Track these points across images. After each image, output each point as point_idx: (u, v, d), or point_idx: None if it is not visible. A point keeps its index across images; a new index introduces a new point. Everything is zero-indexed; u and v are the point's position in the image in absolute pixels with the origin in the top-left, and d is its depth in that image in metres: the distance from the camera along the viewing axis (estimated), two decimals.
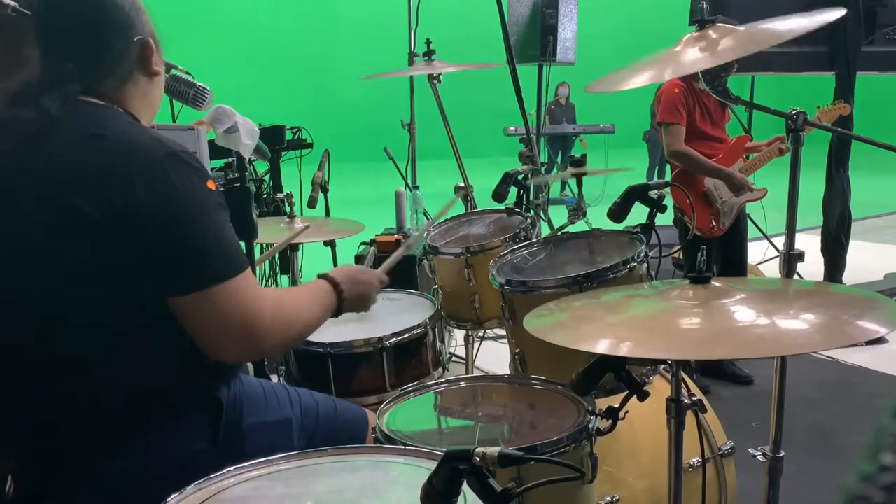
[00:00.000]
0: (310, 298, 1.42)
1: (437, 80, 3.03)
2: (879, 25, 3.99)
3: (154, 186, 1.15)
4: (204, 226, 1.19)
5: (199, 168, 1.21)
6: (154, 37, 1.32)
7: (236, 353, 1.27)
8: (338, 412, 1.57)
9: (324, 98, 13.68)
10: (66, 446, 1.23)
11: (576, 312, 1.37)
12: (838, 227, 4.28)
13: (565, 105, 11.02)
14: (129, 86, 1.29)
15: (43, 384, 1.22)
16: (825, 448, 2.84)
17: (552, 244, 2.04)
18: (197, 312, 1.20)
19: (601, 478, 1.39)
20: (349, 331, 2.03)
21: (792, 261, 1.75)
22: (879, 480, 0.32)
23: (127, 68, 1.28)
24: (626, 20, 15.12)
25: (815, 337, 1.07)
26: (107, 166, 1.15)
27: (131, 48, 1.27)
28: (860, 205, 4.70)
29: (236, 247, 1.25)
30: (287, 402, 1.48)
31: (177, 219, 1.16)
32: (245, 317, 1.22)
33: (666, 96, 3.41)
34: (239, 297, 1.21)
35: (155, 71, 1.31)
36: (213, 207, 1.21)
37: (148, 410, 1.25)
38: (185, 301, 1.19)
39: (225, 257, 1.21)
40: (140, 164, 1.15)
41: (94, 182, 1.14)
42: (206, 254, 1.19)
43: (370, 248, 2.72)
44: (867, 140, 1.90)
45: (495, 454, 0.84)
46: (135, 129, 1.23)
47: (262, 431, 1.37)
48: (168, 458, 1.24)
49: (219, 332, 1.22)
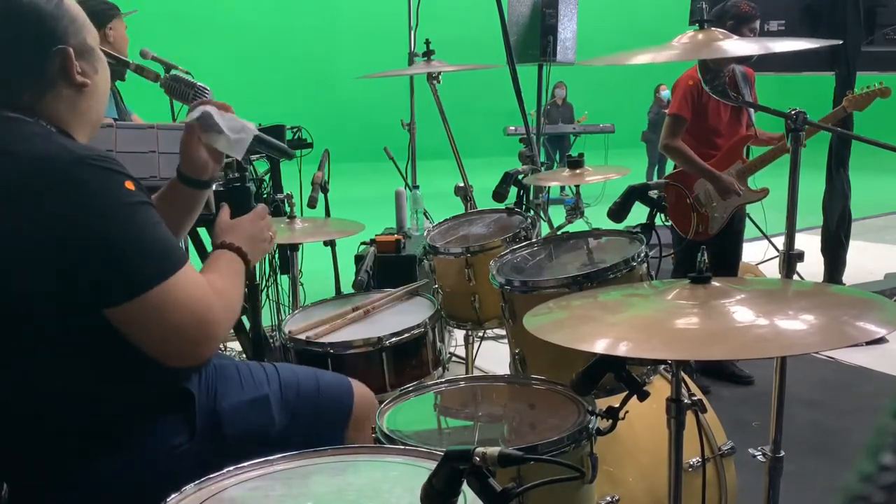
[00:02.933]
0: (231, 273, 1.35)
1: (436, 80, 3.03)
2: (879, 25, 3.99)
3: (64, 198, 1.10)
4: (125, 230, 1.13)
5: (113, 170, 1.15)
6: (83, 46, 1.24)
7: (190, 354, 1.20)
8: (320, 385, 1.54)
9: (324, 98, 13.68)
10: (46, 457, 1.23)
11: (575, 312, 1.37)
12: (838, 227, 4.28)
13: (562, 105, 11.03)
14: (50, 97, 1.22)
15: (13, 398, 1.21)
16: (825, 448, 2.84)
17: (552, 244, 2.04)
18: (140, 321, 1.14)
19: (601, 478, 1.39)
20: (349, 331, 2.03)
21: (792, 261, 1.75)
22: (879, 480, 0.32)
23: (47, 80, 1.22)
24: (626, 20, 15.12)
25: (814, 337, 1.07)
26: (16, 186, 1.11)
27: (50, 59, 1.21)
28: (860, 205, 4.70)
29: (168, 244, 1.18)
30: (263, 378, 1.47)
31: (94, 227, 1.11)
32: (195, 312, 1.17)
33: (682, 87, 3.32)
34: (183, 293, 1.16)
35: (80, 82, 1.24)
36: (133, 208, 1.14)
37: (121, 415, 1.24)
38: (123, 311, 1.13)
39: (156, 257, 1.15)
40: (47, 178, 1.11)
41: (7, 204, 1.10)
42: (133, 259, 1.13)
43: (370, 248, 2.72)
44: (867, 140, 1.90)
45: (495, 454, 0.85)
46: (43, 141, 1.17)
47: (238, 412, 1.37)
48: (149, 459, 1.24)
49: (169, 335, 1.16)
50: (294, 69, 14.00)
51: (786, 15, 3.94)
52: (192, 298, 1.17)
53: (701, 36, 1.66)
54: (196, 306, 1.17)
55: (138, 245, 1.14)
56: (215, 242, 1.43)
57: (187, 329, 1.16)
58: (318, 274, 3.62)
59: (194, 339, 1.18)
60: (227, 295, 1.28)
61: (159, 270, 1.14)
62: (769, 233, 5.16)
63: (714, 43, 1.61)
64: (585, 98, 11.58)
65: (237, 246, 1.40)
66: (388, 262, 3.17)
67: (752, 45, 1.62)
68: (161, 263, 1.15)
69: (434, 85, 3.04)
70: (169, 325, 1.15)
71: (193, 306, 1.17)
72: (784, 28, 3.94)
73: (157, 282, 1.13)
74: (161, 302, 1.14)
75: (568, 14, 4.45)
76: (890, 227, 7.24)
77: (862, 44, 3.98)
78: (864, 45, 3.99)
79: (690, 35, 1.69)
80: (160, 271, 1.14)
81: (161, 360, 1.18)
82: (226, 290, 1.28)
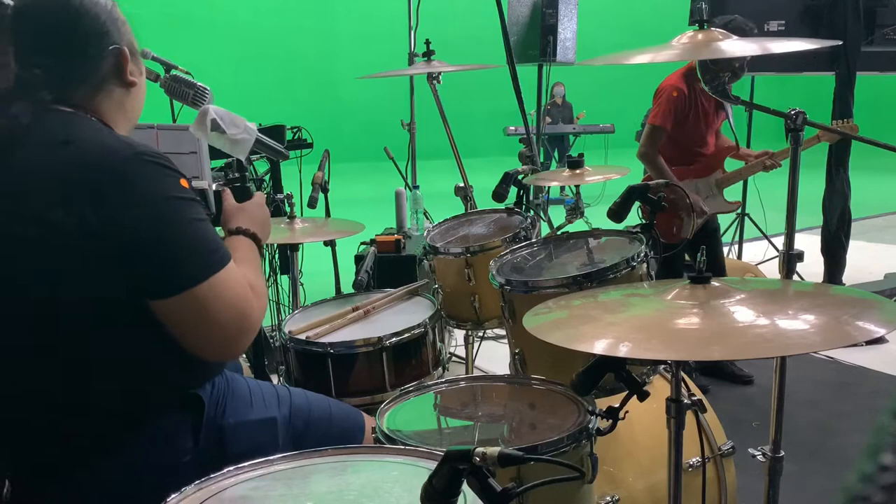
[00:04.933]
0: (255, 264, 1.39)
1: (436, 81, 3.03)
2: (879, 25, 3.99)
3: (122, 191, 1.13)
4: (177, 225, 1.17)
5: (168, 167, 1.19)
6: (132, 47, 1.31)
7: (229, 348, 1.24)
8: (332, 416, 1.55)
9: (324, 98, 13.66)
10: (54, 453, 1.23)
11: (575, 312, 1.37)
12: (838, 227, 4.28)
13: (561, 105, 11.02)
14: (102, 95, 1.27)
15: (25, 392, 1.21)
16: (825, 448, 2.84)
17: (552, 244, 2.04)
18: (185, 314, 1.18)
19: (601, 478, 1.39)
20: (349, 331, 2.03)
21: (791, 261, 1.75)
22: (879, 480, 0.32)
23: (101, 77, 1.26)
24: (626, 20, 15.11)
25: (814, 337, 1.07)
26: (76, 175, 1.14)
27: (105, 57, 1.26)
28: (860, 205, 4.70)
29: (215, 241, 1.22)
30: (274, 401, 1.46)
31: (151, 222, 1.15)
32: (237, 307, 1.21)
33: (665, 97, 3.32)
34: (228, 289, 1.20)
35: (130, 81, 1.29)
36: (185, 204, 1.19)
37: (132, 413, 1.24)
38: (170, 303, 1.17)
39: (205, 253, 1.19)
40: (108, 170, 1.14)
41: (66, 194, 1.13)
42: (185, 254, 1.17)
43: (370, 248, 2.72)
44: (867, 140, 1.90)
45: (495, 454, 0.85)
46: (102, 134, 1.21)
47: (244, 431, 1.36)
48: (154, 460, 1.24)
49: (212, 329, 1.20)
50: (294, 69, 13.98)
51: (786, 15, 3.94)
52: (235, 295, 1.21)
53: (701, 36, 1.66)
54: (238, 302, 1.21)
55: (189, 241, 1.18)
56: (228, 228, 1.45)
57: (229, 323, 1.21)
58: (318, 274, 3.62)
59: (234, 333, 1.22)
60: (259, 289, 1.31)
61: (208, 266, 1.18)
62: (769, 233, 5.17)
63: (714, 43, 1.61)
64: (585, 98, 11.56)
65: (252, 231, 1.43)
66: (388, 262, 3.17)
67: (752, 46, 1.62)
68: (209, 259, 1.19)
69: (434, 85, 3.04)
70: (213, 319, 1.19)
71: (236, 302, 1.21)
72: (784, 28, 3.94)
73: (205, 277, 1.17)
74: (207, 297, 1.18)
75: (568, 14, 4.45)
76: (890, 227, 7.24)
77: (862, 44, 3.98)
78: (864, 45, 3.99)
79: (690, 35, 1.69)
80: (208, 267, 1.18)
81: (199, 353, 1.22)
82: (257, 283, 1.31)
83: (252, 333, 1.26)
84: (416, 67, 3.39)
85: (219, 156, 2.96)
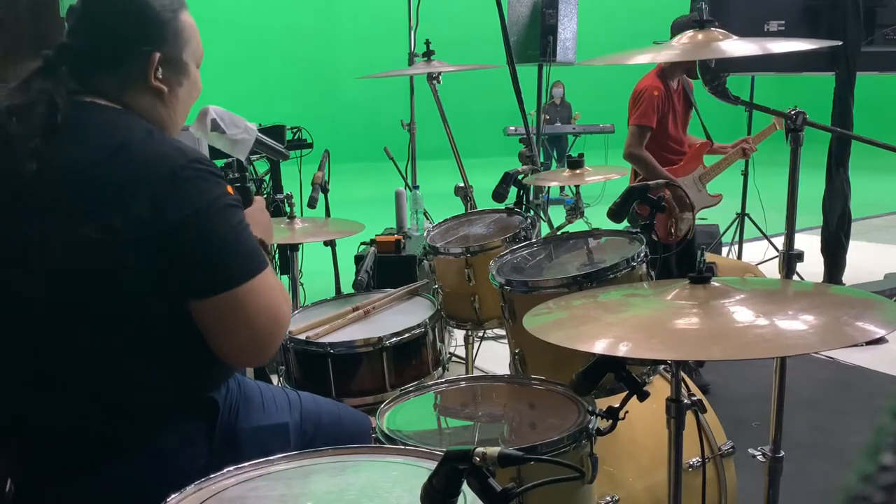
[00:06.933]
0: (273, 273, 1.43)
1: (436, 81, 3.03)
2: (879, 25, 3.99)
3: (177, 197, 1.17)
4: (222, 229, 1.21)
5: (216, 174, 1.24)
6: (177, 58, 1.32)
7: (258, 353, 1.27)
8: (342, 420, 1.55)
9: (323, 98, 13.66)
10: (66, 451, 1.23)
11: (575, 312, 1.37)
12: (838, 227, 4.28)
13: (560, 105, 11.02)
14: (132, 92, 1.29)
15: (43, 388, 1.22)
16: (825, 448, 2.84)
17: (552, 244, 2.04)
18: (222, 315, 1.21)
19: (601, 478, 1.39)
20: (349, 331, 2.03)
21: (791, 261, 1.75)
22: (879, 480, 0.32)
23: (126, 73, 1.29)
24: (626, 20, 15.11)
25: (814, 337, 1.07)
26: (133, 180, 1.17)
27: (137, 56, 1.28)
28: (860, 205, 4.70)
29: (255, 247, 1.26)
30: (286, 406, 1.47)
31: (200, 225, 1.18)
32: (272, 312, 1.24)
33: (646, 98, 3.42)
34: (265, 294, 1.23)
35: (156, 86, 1.30)
36: (230, 210, 1.23)
37: (147, 415, 1.24)
38: (209, 303, 1.20)
39: (246, 257, 1.23)
40: (165, 177, 1.17)
41: (124, 199, 1.16)
42: (227, 256, 1.21)
43: (370, 248, 2.72)
44: (867, 140, 1.90)
45: (495, 454, 0.85)
46: (153, 138, 1.24)
47: (257, 436, 1.37)
48: (166, 462, 1.24)
49: (245, 333, 1.23)
50: (294, 69, 13.98)
51: (786, 15, 3.93)
52: (271, 300, 1.24)
53: (701, 36, 1.66)
54: (273, 307, 1.25)
55: (233, 244, 1.21)
56: None
57: (262, 328, 1.23)
58: (318, 274, 3.62)
59: (268, 338, 1.25)
60: (285, 297, 1.33)
61: (248, 269, 1.21)
62: (769, 233, 5.17)
63: (714, 43, 1.61)
64: (585, 98, 11.56)
65: (260, 239, 1.43)
66: (388, 262, 3.17)
67: (752, 45, 1.62)
68: (249, 263, 1.22)
69: (434, 85, 3.04)
70: (248, 322, 1.22)
71: (272, 307, 1.24)
72: (784, 28, 3.94)
73: (245, 279, 1.20)
74: (247, 299, 1.21)
75: (568, 14, 4.45)
76: (890, 227, 7.23)
77: (862, 44, 3.97)
78: (864, 45, 3.99)
79: (690, 35, 1.69)
80: (248, 270, 1.21)
81: (230, 357, 1.25)
82: (279, 282, 1.34)
83: (280, 340, 1.29)
84: (416, 67, 3.39)
85: (219, 156, 2.96)
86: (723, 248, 5.20)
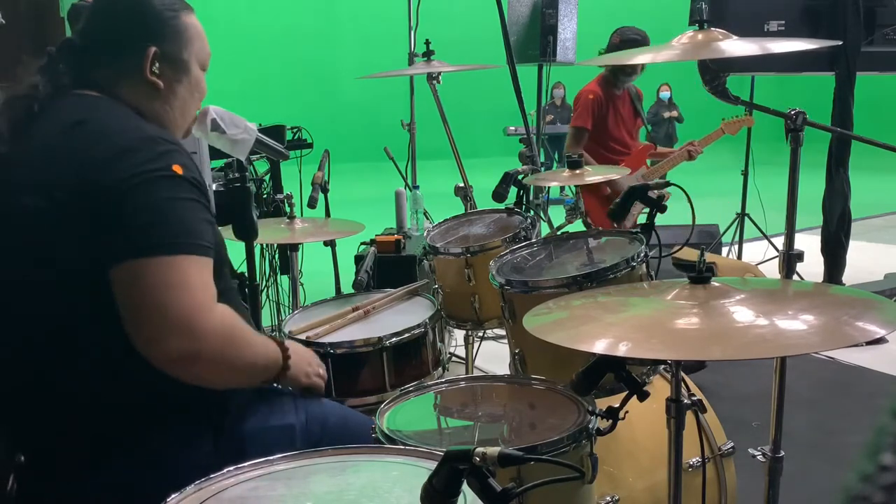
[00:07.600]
0: (261, 341, 1.34)
1: (436, 81, 3.03)
2: (879, 25, 3.99)
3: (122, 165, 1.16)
4: (152, 196, 1.16)
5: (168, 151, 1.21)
6: (177, 56, 1.35)
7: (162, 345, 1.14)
8: (348, 421, 1.54)
9: (324, 98, 13.66)
10: (70, 449, 1.23)
11: (575, 312, 1.37)
12: (838, 227, 4.28)
13: (560, 106, 11.03)
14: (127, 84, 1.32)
15: (49, 385, 1.22)
16: (825, 448, 2.84)
17: (552, 244, 2.04)
18: (132, 285, 1.13)
19: (601, 478, 1.39)
20: (349, 331, 2.03)
21: (791, 261, 1.75)
22: (879, 480, 0.32)
23: (122, 65, 1.33)
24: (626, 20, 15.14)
25: (814, 337, 1.07)
26: (79, 149, 1.19)
27: (134, 51, 1.32)
28: (860, 205, 4.70)
29: (197, 228, 1.19)
30: (291, 407, 1.46)
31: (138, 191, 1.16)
32: (186, 303, 1.13)
33: (581, 102, 3.76)
34: (183, 277, 1.13)
35: (150, 80, 1.33)
36: (170, 182, 1.18)
37: (153, 413, 1.24)
38: (122, 270, 1.14)
39: (171, 232, 1.15)
40: (113, 145, 1.18)
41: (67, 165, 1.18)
42: (150, 222, 1.15)
43: (370, 248, 2.72)
44: (867, 140, 1.90)
45: (495, 454, 0.84)
46: (118, 114, 1.26)
47: (263, 437, 1.35)
48: (172, 462, 1.24)
49: (151, 312, 1.12)
50: (294, 69, 13.99)
51: (786, 15, 3.93)
52: (189, 288, 1.14)
53: (700, 36, 1.66)
54: (189, 298, 1.14)
55: (159, 214, 1.16)
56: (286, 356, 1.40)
57: (170, 315, 1.12)
58: (318, 274, 3.62)
59: (171, 329, 1.13)
60: (241, 333, 1.24)
61: (169, 244, 1.15)
62: (769, 233, 5.17)
63: (713, 43, 1.61)
64: None
65: (286, 347, 1.38)
66: (388, 262, 3.17)
67: (752, 45, 1.62)
68: (174, 239, 1.16)
69: (434, 85, 3.04)
70: (155, 301, 1.13)
71: (187, 296, 1.13)
72: (784, 28, 3.93)
73: (163, 252, 1.14)
74: (158, 273, 1.13)
75: (568, 14, 4.44)
76: (890, 227, 7.23)
77: (862, 44, 3.97)
78: (864, 45, 3.99)
79: (690, 35, 1.69)
80: (170, 245, 1.15)
81: (133, 337, 1.15)
82: (243, 332, 1.25)
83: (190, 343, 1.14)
84: (416, 67, 3.39)
85: (219, 156, 2.96)
86: (723, 248, 5.20)
